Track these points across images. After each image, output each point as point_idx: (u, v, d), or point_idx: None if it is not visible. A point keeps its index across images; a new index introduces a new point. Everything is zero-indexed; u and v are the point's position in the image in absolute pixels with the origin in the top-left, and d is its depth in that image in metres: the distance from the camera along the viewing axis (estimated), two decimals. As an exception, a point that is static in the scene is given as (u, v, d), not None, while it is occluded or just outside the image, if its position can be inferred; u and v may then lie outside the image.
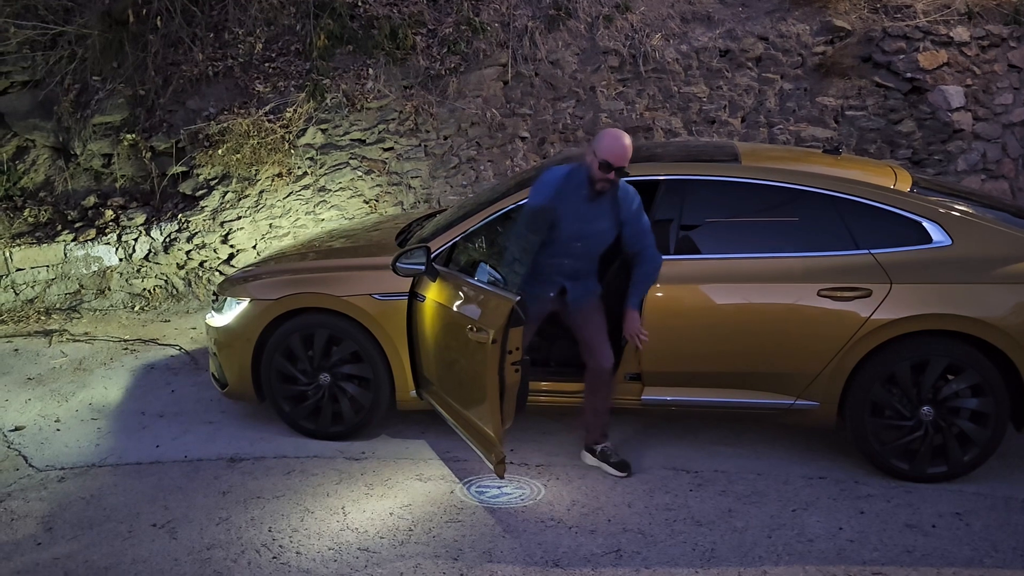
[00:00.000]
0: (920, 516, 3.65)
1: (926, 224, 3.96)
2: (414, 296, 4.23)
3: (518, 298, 3.53)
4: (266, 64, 7.74)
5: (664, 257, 4.10)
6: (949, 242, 3.92)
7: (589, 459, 4.19)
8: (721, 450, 4.36)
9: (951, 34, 7.58)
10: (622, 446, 4.35)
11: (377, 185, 7.46)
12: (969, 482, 3.93)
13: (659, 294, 4.05)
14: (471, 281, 3.87)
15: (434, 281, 4.08)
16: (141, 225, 7.28)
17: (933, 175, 7.37)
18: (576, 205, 3.84)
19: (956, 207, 4.04)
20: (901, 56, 7.53)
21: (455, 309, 3.87)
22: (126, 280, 7.20)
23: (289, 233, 7.35)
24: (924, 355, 3.87)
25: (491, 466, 3.69)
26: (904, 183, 4.20)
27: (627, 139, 3.72)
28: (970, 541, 3.45)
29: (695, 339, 4.09)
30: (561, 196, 3.83)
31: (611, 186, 3.78)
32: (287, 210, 7.38)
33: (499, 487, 3.97)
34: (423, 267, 4.16)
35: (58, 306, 7.08)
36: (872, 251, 3.95)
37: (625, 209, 3.88)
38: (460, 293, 3.88)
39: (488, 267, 3.90)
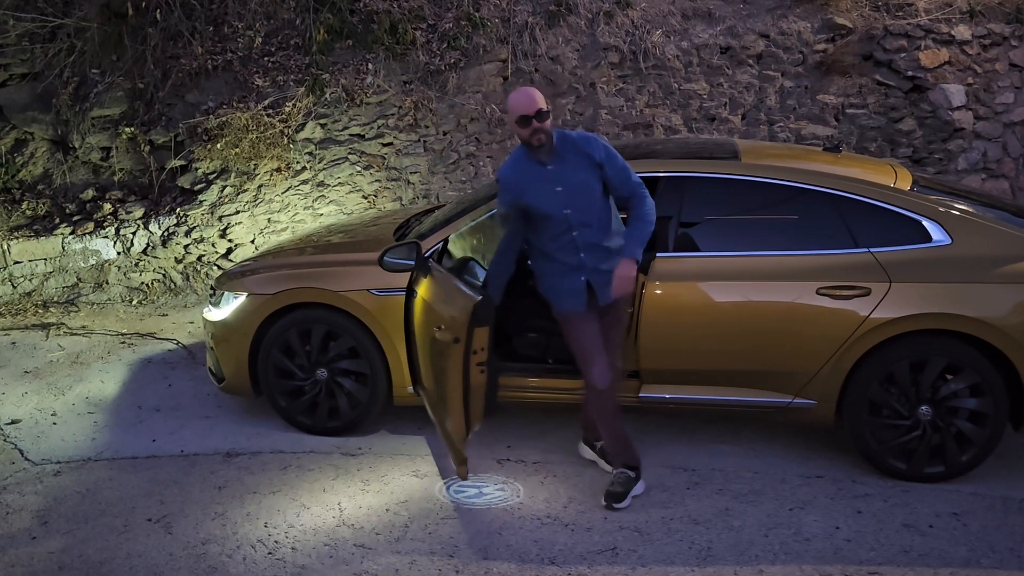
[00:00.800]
0: (917, 516, 3.65)
1: (926, 223, 3.95)
2: (411, 292, 4.21)
3: (480, 297, 3.51)
4: (265, 58, 7.72)
5: (663, 254, 4.09)
6: (949, 241, 3.90)
7: (587, 453, 4.18)
8: (719, 448, 4.35)
9: (952, 32, 7.56)
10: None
11: (376, 180, 7.45)
12: (967, 482, 3.92)
13: (658, 291, 4.03)
14: (448, 278, 3.85)
15: (425, 277, 4.07)
16: (139, 219, 7.26)
17: (934, 174, 7.36)
18: (536, 181, 3.61)
19: (956, 206, 4.02)
20: (902, 54, 7.52)
21: (433, 306, 3.86)
22: (124, 274, 7.19)
23: (287, 228, 7.33)
24: (923, 354, 3.86)
25: (455, 466, 3.70)
26: (904, 182, 4.19)
27: (528, 89, 3.56)
28: (967, 541, 3.44)
29: (694, 337, 4.07)
30: (519, 184, 3.63)
31: (547, 137, 3.53)
32: (285, 205, 7.37)
33: (479, 488, 3.95)
34: (412, 262, 4.15)
35: (56, 299, 7.07)
36: (871, 250, 3.94)
37: (595, 152, 3.60)
38: (438, 290, 3.87)
39: (477, 264, 3.90)
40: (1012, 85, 7.64)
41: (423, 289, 4.04)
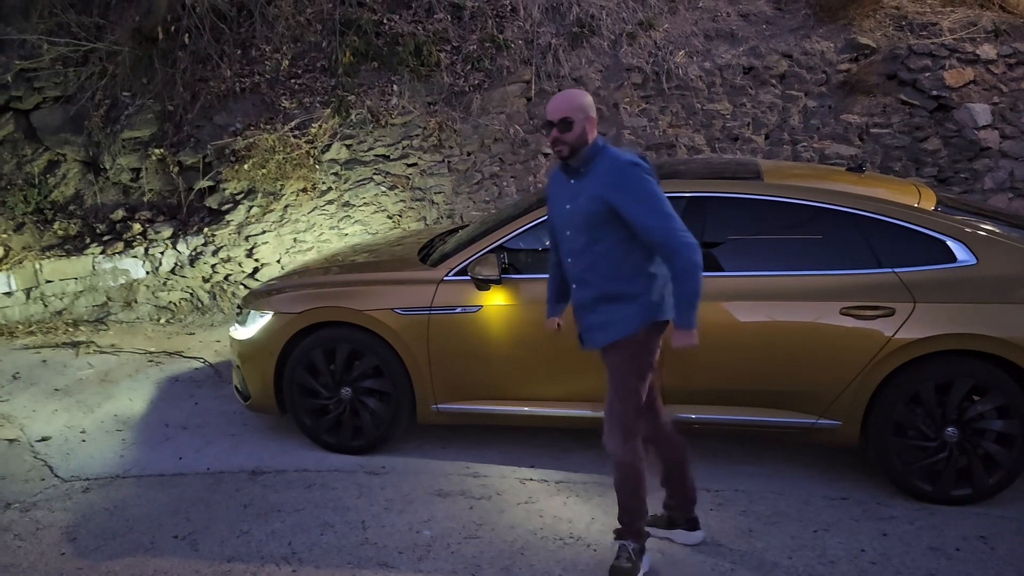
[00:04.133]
0: (944, 539, 3.61)
1: (950, 243, 3.93)
2: (446, 309, 4.26)
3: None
4: (292, 80, 7.83)
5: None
6: (974, 261, 3.88)
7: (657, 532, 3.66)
8: (742, 469, 4.33)
9: (977, 52, 7.53)
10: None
11: (401, 200, 7.52)
12: (994, 505, 3.88)
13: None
14: None
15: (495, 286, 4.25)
16: (168, 239, 7.37)
17: (959, 193, 7.31)
18: (558, 191, 3.37)
19: (981, 226, 4.00)
20: (927, 74, 7.49)
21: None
22: (152, 293, 7.29)
23: (313, 247, 7.42)
24: (948, 375, 3.83)
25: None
26: (928, 201, 4.18)
27: (566, 92, 3.24)
28: (995, 565, 3.40)
29: (718, 356, 4.07)
30: (549, 189, 3.47)
31: (569, 151, 3.19)
32: (311, 225, 7.45)
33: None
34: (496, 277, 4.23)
35: (86, 318, 7.18)
36: (895, 270, 3.93)
37: (609, 179, 3.15)
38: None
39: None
40: (1039, 104, 7.58)
41: (507, 296, 4.21)
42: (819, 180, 4.45)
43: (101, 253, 7.30)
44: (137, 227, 7.50)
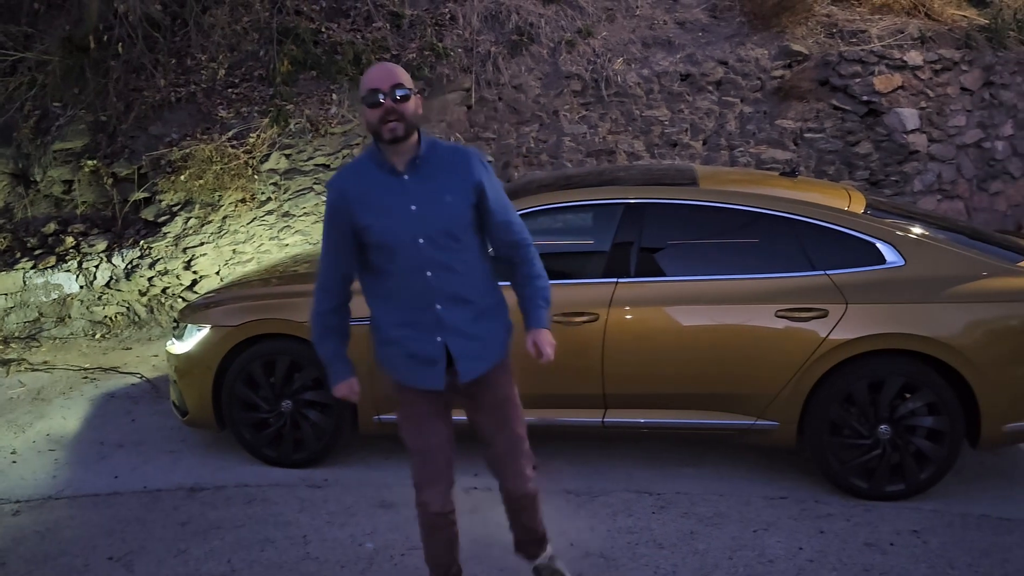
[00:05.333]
0: (879, 534, 3.69)
1: (880, 245, 4.03)
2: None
3: None
4: (229, 90, 7.72)
5: (625, 280, 4.13)
6: (902, 263, 3.99)
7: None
8: (684, 472, 4.38)
9: (905, 58, 7.76)
10: (584, 468, 4.36)
11: (342, 210, 7.44)
12: (926, 499, 3.99)
13: (627, 316, 4.07)
14: None
15: None
16: (102, 252, 7.20)
17: (891, 196, 7.52)
18: (382, 193, 2.67)
19: (910, 229, 4.12)
20: (857, 80, 7.69)
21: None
22: (87, 307, 7.11)
23: (253, 259, 7.31)
24: (880, 374, 3.93)
25: None
26: (858, 205, 4.28)
27: (385, 63, 2.67)
28: (927, 559, 3.49)
29: (657, 361, 4.11)
30: (358, 197, 2.68)
31: (405, 129, 2.59)
32: (251, 236, 7.35)
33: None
34: None
35: (17, 334, 6.97)
36: (828, 272, 4.01)
37: (473, 168, 2.71)
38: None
39: None
40: (963, 108, 7.85)
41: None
42: (754, 185, 4.54)
43: (32, 268, 7.10)
44: (70, 240, 7.31)
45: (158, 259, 7.18)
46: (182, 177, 7.21)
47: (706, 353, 4.05)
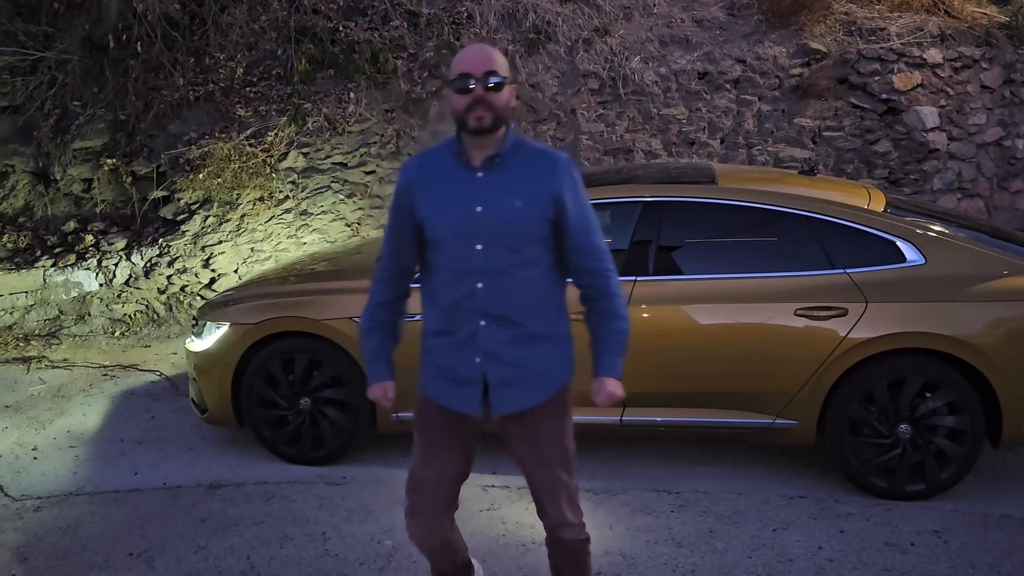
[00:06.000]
0: (899, 534, 3.67)
1: (900, 243, 4.01)
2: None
3: None
4: (247, 88, 7.76)
5: (644, 278, 4.12)
6: (922, 261, 3.96)
7: None
8: (702, 470, 4.37)
9: (924, 56, 7.70)
10: (602, 467, 4.36)
11: (359, 208, 7.48)
12: (947, 499, 3.96)
13: (645, 315, 4.06)
14: None
15: None
16: (122, 250, 7.25)
17: (910, 194, 7.47)
18: (449, 187, 2.42)
19: (930, 227, 4.09)
20: (876, 78, 7.64)
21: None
22: (106, 305, 7.16)
23: (271, 257, 7.34)
24: (900, 373, 3.91)
25: None
26: (878, 203, 4.26)
27: (483, 45, 2.41)
28: (948, 559, 3.47)
29: (676, 359, 4.10)
30: (422, 186, 2.45)
31: (494, 120, 2.32)
32: (269, 234, 7.38)
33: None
34: None
35: (37, 332, 7.02)
36: (847, 270, 3.99)
37: (559, 177, 2.39)
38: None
39: None
40: (984, 106, 7.79)
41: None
42: (772, 183, 4.52)
43: (52, 266, 7.16)
44: (89, 239, 7.36)
45: (177, 257, 7.22)
46: (200, 175, 7.26)
47: (724, 352, 4.04)
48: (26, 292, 7.12)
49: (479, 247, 2.37)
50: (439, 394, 2.53)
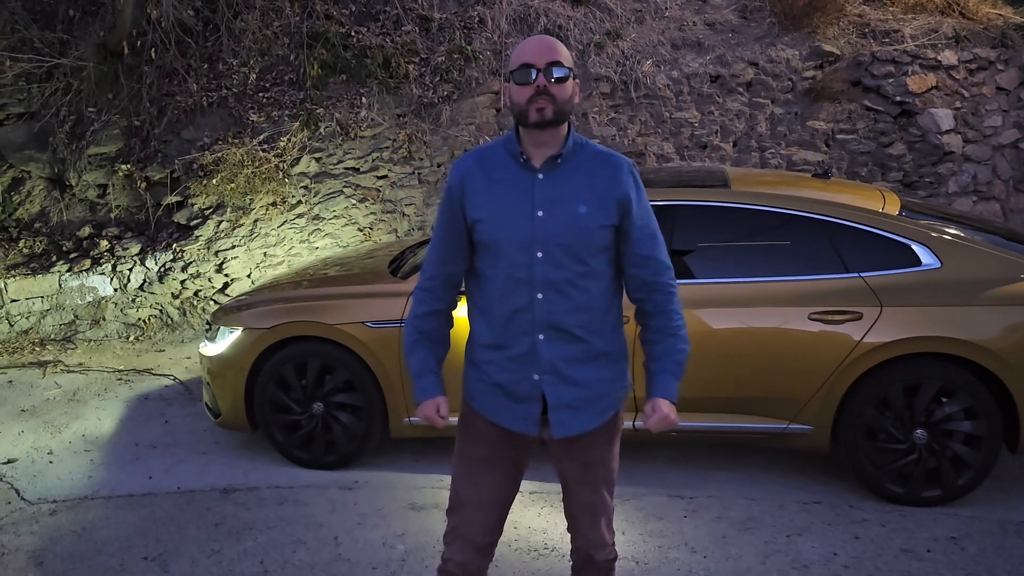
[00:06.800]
0: (915, 541, 3.64)
1: (915, 247, 3.98)
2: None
3: None
4: (260, 94, 7.79)
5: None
6: (938, 265, 3.93)
7: None
8: (716, 475, 4.35)
9: (939, 58, 7.66)
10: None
11: (371, 213, 7.49)
12: (964, 505, 3.93)
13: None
14: None
15: None
16: (136, 255, 7.29)
17: (925, 197, 7.42)
18: (506, 189, 2.26)
19: (945, 230, 4.06)
20: (890, 80, 7.60)
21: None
22: (121, 310, 7.20)
23: (284, 262, 7.37)
24: (916, 378, 3.88)
25: None
26: (893, 206, 4.23)
27: (546, 37, 2.24)
28: (965, 566, 3.43)
29: (689, 364, 4.05)
30: (477, 186, 2.28)
31: (555, 114, 2.18)
32: (281, 239, 7.41)
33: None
34: None
35: (53, 337, 7.07)
36: (862, 274, 3.97)
37: (623, 183, 2.25)
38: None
39: None
40: (999, 108, 7.73)
41: None
42: (786, 187, 4.50)
43: (68, 271, 7.21)
44: (104, 244, 7.41)
45: (190, 262, 7.25)
46: (214, 181, 7.29)
47: (738, 356, 4.02)
48: (42, 297, 7.17)
49: (540, 255, 2.21)
50: (490, 411, 2.37)
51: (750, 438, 4.16)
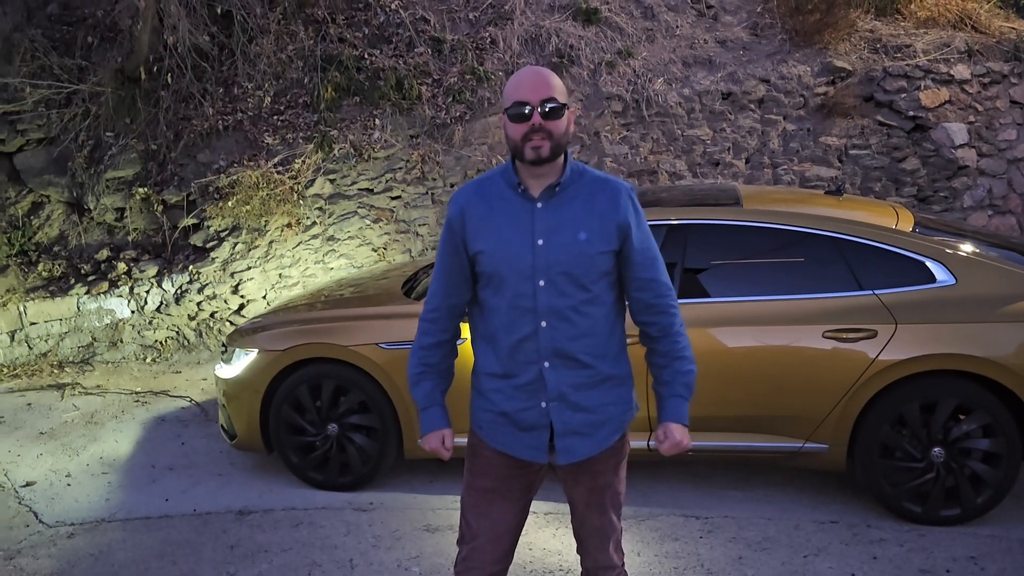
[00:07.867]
0: (934, 561, 3.60)
1: (929, 264, 3.97)
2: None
3: None
4: (274, 117, 7.87)
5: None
6: (953, 281, 3.91)
7: None
8: (731, 495, 4.32)
9: (952, 72, 7.64)
10: (629, 492, 4.33)
11: (385, 233, 7.53)
12: (983, 524, 3.88)
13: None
14: None
15: None
16: (153, 277, 7.36)
17: (940, 212, 7.39)
18: (507, 220, 2.27)
19: (959, 246, 4.04)
20: (903, 95, 7.59)
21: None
22: (138, 332, 7.26)
23: (299, 283, 7.41)
24: (932, 395, 3.85)
25: None
26: (906, 223, 4.22)
27: (538, 69, 2.24)
28: (985, 585, 3.40)
29: (703, 383, 4.05)
30: (477, 217, 2.30)
31: (552, 149, 2.19)
32: (296, 260, 7.45)
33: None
34: None
35: (71, 359, 7.14)
36: (876, 292, 3.95)
37: (621, 208, 2.27)
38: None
39: None
40: (1014, 122, 7.70)
41: None
42: (799, 204, 4.49)
43: (86, 293, 7.28)
44: (122, 266, 7.48)
45: (206, 284, 7.31)
46: (229, 203, 7.36)
47: (752, 375, 4.01)
48: (60, 319, 7.24)
49: (542, 283, 2.23)
50: (498, 441, 2.39)
51: (766, 457, 4.13)
